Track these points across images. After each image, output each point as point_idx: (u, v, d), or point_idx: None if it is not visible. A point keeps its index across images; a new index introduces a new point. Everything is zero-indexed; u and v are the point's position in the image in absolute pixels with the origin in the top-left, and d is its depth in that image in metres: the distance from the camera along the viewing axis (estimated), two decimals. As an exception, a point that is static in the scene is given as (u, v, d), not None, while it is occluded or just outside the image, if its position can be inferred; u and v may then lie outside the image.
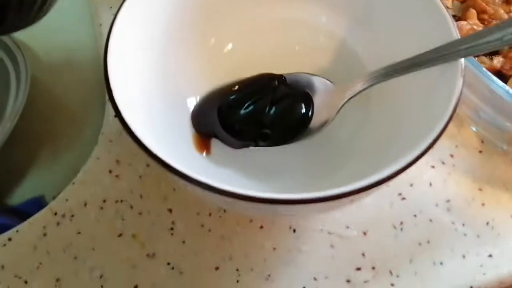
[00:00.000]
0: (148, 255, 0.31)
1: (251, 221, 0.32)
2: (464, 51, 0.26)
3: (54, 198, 0.46)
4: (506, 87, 0.30)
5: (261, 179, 0.31)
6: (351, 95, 0.30)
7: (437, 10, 0.28)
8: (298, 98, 0.32)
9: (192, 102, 0.33)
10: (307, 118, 0.32)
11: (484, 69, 0.31)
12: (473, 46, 0.27)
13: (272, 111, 0.32)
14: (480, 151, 0.35)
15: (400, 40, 0.30)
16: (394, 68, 0.29)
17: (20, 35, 0.45)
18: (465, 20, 0.39)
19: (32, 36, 0.47)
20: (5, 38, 0.45)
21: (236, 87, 0.34)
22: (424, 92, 0.28)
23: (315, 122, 0.32)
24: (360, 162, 0.29)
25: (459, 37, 0.27)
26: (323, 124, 0.31)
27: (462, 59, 0.26)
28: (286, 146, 0.31)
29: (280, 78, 0.34)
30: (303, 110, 0.32)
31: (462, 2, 0.41)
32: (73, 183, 0.34)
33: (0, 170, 0.44)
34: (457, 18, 0.40)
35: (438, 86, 0.27)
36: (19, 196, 0.44)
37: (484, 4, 0.39)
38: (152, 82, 0.30)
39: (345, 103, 0.31)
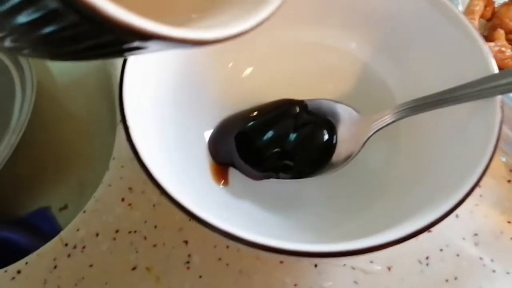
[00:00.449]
0: (163, 290, 0.30)
1: (270, 254, 0.31)
2: (502, 88, 0.25)
3: (60, 209, 0.45)
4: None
5: (281, 213, 0.29)
6: (378, 128, 0.29)
7: (473, 42, 0.27)
8: (321, 127, 0.31)
9: (210, 129, 0.32)
10: (331, 148, 0.30)
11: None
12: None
13: (294, 140, 0.31)
14: (509, 181, 0.34)
15: (433, 71, 0.29)
16: (426, 101, 0.27)
17: None
18: (492, 41, 0.37)
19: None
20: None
21: (255, 113, 0.33)
22: (459, 130, 0.26)
23: (338, 154, 0.30)
24: (386, 204, 0.27)
25: (497, 71, 0.26)
26: (347, 158, 0.30)
27: (500, 96, 0.25)
28: (308, 178, 0.30)
29: (302, 104, 0.32)
30: (327, 139, 0.30)
31: (488, 20, 0.39)
32: (84, 212, 0.33)
33: (6, 181, 0.43)
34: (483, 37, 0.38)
35: (474, 124, 0.26)
36: (25, 207, 0.43)
37: (512, 24, 0.37)
38: (167, 111, 0.29)
39: (370, 136, 0.29)
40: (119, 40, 0.12)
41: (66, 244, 0.32)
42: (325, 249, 0.21)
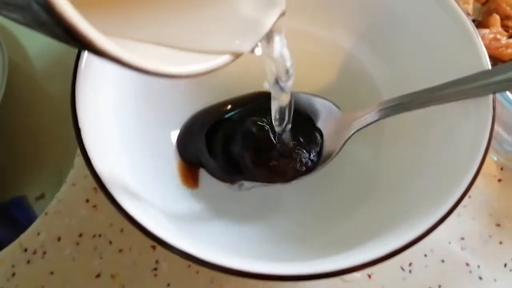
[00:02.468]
0: (128, 300, 0.28)
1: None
2: (495, 86, 0.23)
3: (37, 198, 0.43)
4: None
5: (256, 221, 0.27)
6: (360, 127, 0.26)
7: (466, 35, 0.24)
8: (301, 124, 0.28)
9: (178, 127, 0.30)
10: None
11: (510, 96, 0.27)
12: (508, 79, 0.23)
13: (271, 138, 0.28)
14: (500, 180, 0.32)
15: (421, 66, 0.26)
16: (413, 99, 0.25)
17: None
18: (486, 27, 0.34)
19: (14, 24, 0.42)
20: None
21: (228, 107, 0.30)
22: (448, 130, 0.24)
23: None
24: (370, 210, 0.25)
25: (490, 67, 0.23)
26: (327, 158, 0.27)
27: (492, 95, 0.23)
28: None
29: None
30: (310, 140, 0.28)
31: (483, 4, 0.37)
32: (46, 213, 0.30)
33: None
34: (476, 22, 0.36)
35: (464, 124, 0.24)
36: (1, 198, 0.41)
37: (509, 9, 0.34)
38: (129, 109, 0.26)
39: (352, 135, 0.27)
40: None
41: (26, 250, 0.29)
42: (300, 271, 0.19)
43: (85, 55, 0.23)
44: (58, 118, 0.46)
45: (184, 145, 0.29)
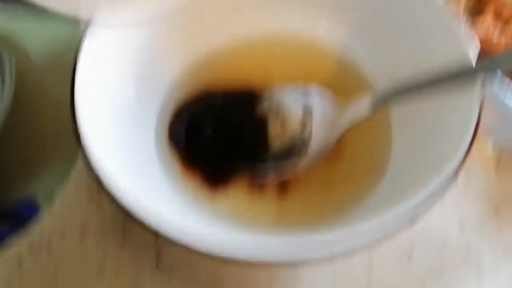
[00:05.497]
0: (132, 293, 0.29)
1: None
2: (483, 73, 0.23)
3: (45, 199, 0.44)
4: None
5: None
6: (355, 120, 0.27)
7: (447, 27, 0.25)
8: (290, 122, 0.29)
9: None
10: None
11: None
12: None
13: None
14: (498, 165, 0.32)
15: (410, 57, 0.27)
16: (404, 89, 0.25)
17: (3, 27, 0.42)
18: (479, 14, 0.34)
19: (17, 29, 0.43)
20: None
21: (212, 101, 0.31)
22: (438, 116, 0.25)
23: (313, 146, 0.28)
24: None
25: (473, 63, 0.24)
26: (319, 152, 0.28)
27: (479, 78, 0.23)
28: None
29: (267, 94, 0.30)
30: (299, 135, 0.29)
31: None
32: (50, 211, 0.31)
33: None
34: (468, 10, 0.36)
35: (453, 108, 0.24)
36: (10, 199, 0.42)
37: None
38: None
39: (345, 129, 0.27)
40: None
41: (32, 246, 0.30)
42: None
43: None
44: (63, 124, 0.47)
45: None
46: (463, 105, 0.24)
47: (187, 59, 0.31)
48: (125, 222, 0.30)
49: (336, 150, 0.29)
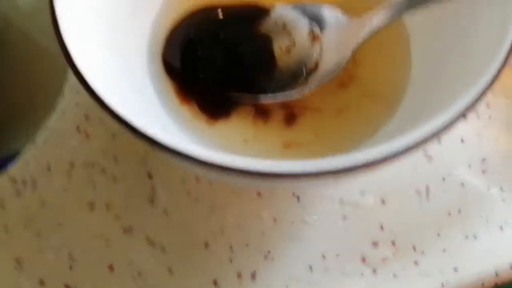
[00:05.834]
0: (124, 229, 0.26)
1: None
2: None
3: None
4: None
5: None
6: (370, 32, 0.24)
7: None
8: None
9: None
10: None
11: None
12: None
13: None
14: (523, 99, 0.29)
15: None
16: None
17: None
18: None
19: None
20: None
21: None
22: (466, 28, 0.22)
23: (324, 64, 0.26)
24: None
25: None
26: (336, 68, 0.25)
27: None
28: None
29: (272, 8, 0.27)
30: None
31: None
32: (35, 143, 0.29)
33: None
34: None
35: (485, 20, 0.21)
36: None
37: None
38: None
39: (362, 42, 0.24)
40: None
41: (15, 181, 0.28)
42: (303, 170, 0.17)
43: None
44: (52, 72, 0.44)
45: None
46: (494, 14, 0.21)
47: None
48: (116, 153, 0.28)
49: (348, 70, 0.26)
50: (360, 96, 0.26)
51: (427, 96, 0.23)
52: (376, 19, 0.24)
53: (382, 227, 0.26)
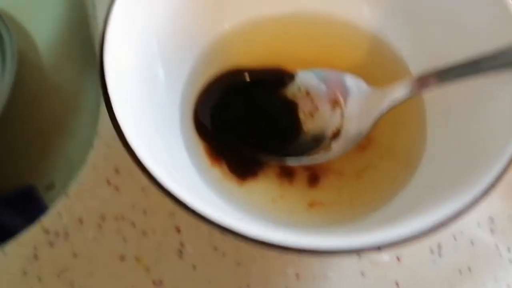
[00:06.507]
0: (154, 282, 0.28)
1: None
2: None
3: (47, 188, 0.42)
4: None
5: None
6: (392, 104, 0.26)
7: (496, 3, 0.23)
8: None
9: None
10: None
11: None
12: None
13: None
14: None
15: (452, 37, 0.26)
16: (447, 71, 0.24)
17: (5, 6, 0.40)
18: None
19: (17, 7, 0.41)
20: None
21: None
22: (482, 106, 0.24)
23: (346, 132, 0.27)
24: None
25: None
26: (358, 136, 0.27)
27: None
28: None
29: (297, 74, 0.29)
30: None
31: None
32: (67, 195, 0.30)
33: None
34: None
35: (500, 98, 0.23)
36: (9, 185, 0.40)
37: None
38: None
39: (384, 113, 0.26)
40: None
41: (48, 232, 0.29)
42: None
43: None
44: (66, 109, 0.45)
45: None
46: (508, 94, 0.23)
47: (215, 32, 0.30)
48: (145, 207, 0.29)
49: (368, 137, 0.28)
50: (378, 159, 0.28)
51: (444, 164, 0.25)
52: (398, 92, 0.25)
53: (397, 284, 0.28)
